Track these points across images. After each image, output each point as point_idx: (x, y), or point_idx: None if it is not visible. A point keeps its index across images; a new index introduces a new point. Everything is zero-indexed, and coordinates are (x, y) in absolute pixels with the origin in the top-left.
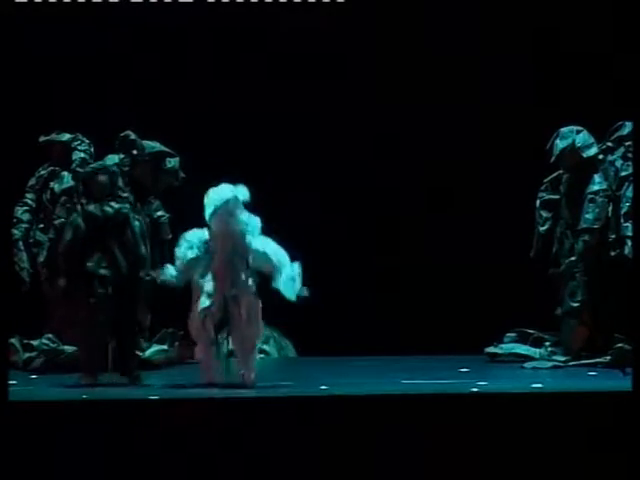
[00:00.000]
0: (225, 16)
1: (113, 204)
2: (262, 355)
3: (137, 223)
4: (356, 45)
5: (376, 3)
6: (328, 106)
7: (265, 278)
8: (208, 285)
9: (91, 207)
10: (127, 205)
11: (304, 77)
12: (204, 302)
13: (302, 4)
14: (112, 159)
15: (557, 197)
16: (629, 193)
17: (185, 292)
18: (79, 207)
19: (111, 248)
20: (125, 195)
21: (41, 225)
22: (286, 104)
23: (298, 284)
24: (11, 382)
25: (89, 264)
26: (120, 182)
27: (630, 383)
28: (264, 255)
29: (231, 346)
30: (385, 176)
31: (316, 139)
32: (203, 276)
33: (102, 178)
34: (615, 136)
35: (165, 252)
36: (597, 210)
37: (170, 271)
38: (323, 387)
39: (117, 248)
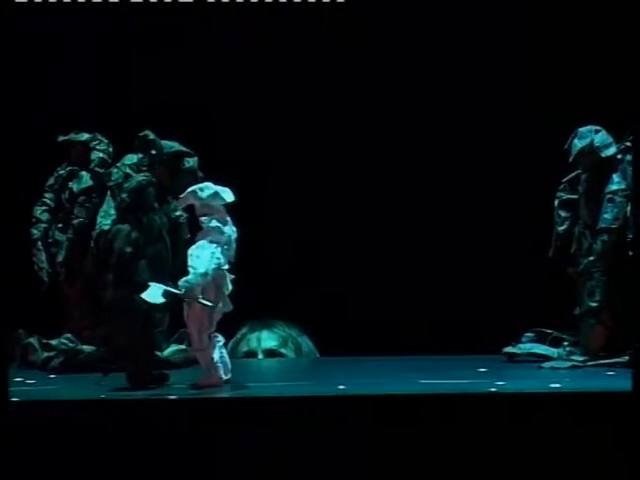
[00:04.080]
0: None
1: (156, 217)
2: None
3: (167, 236)
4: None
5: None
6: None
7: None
8: None
9: (145, 219)
10: (163, 215)
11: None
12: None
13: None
14: (130, 159)
15: (575, 197)
16: None
17: None
18: (131, 220)
19: (152, 259)
20: (156, 205)
21: (60, 225)
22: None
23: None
24: (30, 381)
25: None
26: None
27: None
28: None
29: None
30: (403, 174)
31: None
32: None
33: (151, 189)
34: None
35: (183, 252)
36: (616, 210)
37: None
38: (341, 387)
39: (156, 259)
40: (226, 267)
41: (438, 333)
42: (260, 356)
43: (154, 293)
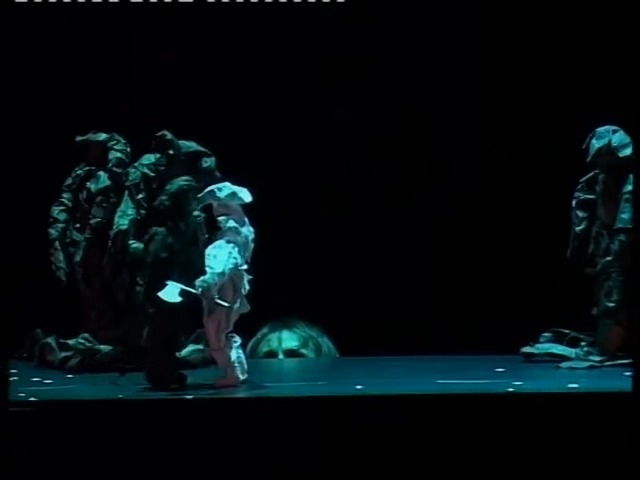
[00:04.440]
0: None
1: (191, 221)
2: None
3: (202, 239)
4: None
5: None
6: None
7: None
8: None
9: (182, 224)
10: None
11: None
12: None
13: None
14: (148, 159)
15: (593, 197)
16: None
17: None
18: (169, 224)
19: (183, 264)
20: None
21: (77, 225)
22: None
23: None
24: (47, 381)
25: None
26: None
27: None
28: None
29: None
30: (421, 173)
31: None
32: None
33: (192, 194)
34: None
35: (200, 252)
36: (633, 210)
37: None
38: (358, 387)
39: (187, 263)
40: (244, 267)
41: (456, 333)
42: (281, 356)
43: (171, 292)
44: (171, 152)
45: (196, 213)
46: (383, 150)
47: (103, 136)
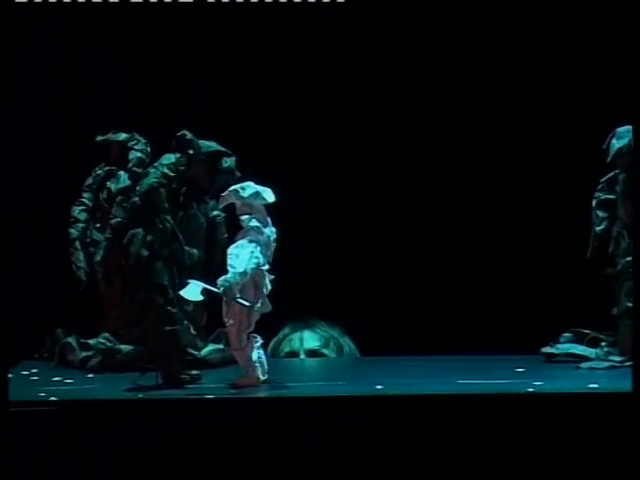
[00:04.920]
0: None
1: (168, 217)
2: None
3: (181, 236)
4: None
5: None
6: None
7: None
8: None
9: (158, 221)
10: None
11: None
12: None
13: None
14: (168, 159)
15: (613, 197)
16: None
17: None
18: (144, 223)
19: (169, 261)
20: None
21: (98, 225)
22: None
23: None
24: (68, 381)
25: (160, 277)
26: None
27: None
28: None
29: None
30: (446, 171)
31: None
32: None
33: (162, 191)
34: None
35: (221, 252)
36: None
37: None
38: (378, 387)
39: (172, 260)
40: (266, 267)
41: (476, 333)
42: (302, 356)
43: (193, 291)
44: (191, 152)
45: (216, 213)
46: (402, 151)
47: (123, 136)
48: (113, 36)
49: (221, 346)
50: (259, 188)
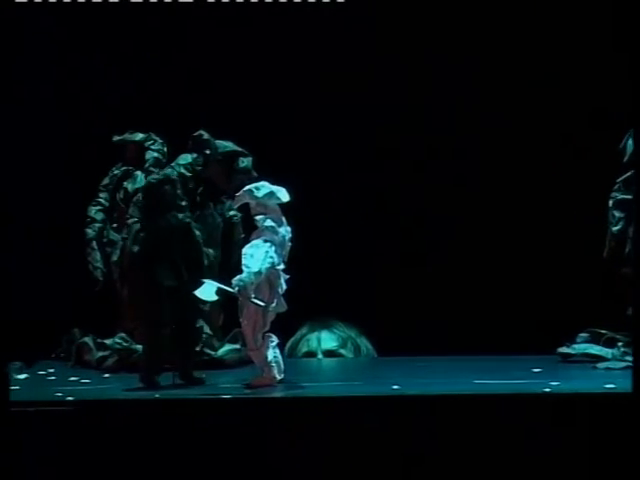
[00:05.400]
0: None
1: (176, 214)
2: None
3: (198, 232)
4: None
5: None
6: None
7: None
8: None
9: (154, 219)
10: (189, 214)
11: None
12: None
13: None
14: (185, 159)
15: (630, 197)
16: None
17: None
18: (143, 220)
19: (175, 259)
20: (184, 204)
21: (114, 225)
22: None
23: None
24: (85, 381)
25: (157, 276)
26: (179, 190)
27: None
28: None
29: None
30: (463, 172)
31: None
32: None
33: (167, 188)
34: None
35: (237, 252)
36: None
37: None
38: (395, 387)
39: (180, 258)
40: (281, 267)
41: (493, 333)
42: (319, 356)
43: (207, 291)
44: (208, 152)
45: (232, 213)
46: (418, 151)
47: (140, 136)
48: (131, 36)
49: (238, 346)
50: (273, 188)
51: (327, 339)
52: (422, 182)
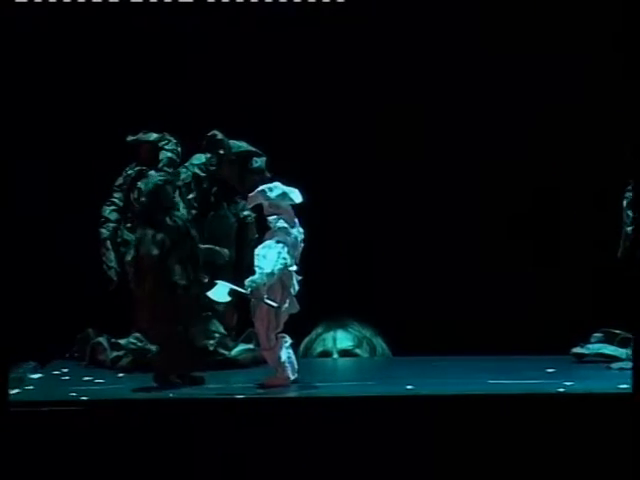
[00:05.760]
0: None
1: (176, 213)
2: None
3: (195, 232)
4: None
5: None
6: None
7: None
8: None
9: (167, 219)
10: (185, 213)
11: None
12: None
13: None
14: (199, 159)
15: None
16: None
17: None
18: (146, 222)
19: (183, 259)
20: (178, 202)
21: (128, 224)
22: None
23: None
24: (99, 381)
25: (174, 275)
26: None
27: None
28: None
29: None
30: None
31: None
32: None
33: (169, 188)
34: None
35: (251, 253)
36: (633, 210)
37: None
38: (409, 387)
39: (185, 258)
40: (293, 268)
41: (507, 333)
42: (335, 356)
43: (220, 292)
44: (222, 152)
45: (246, 213)
46: (435, 151)
47: (154, 136)
48: (147, 34)
49: (252, 346)
50: (286, 189)
51: (343, 339)
52: (438, 181)
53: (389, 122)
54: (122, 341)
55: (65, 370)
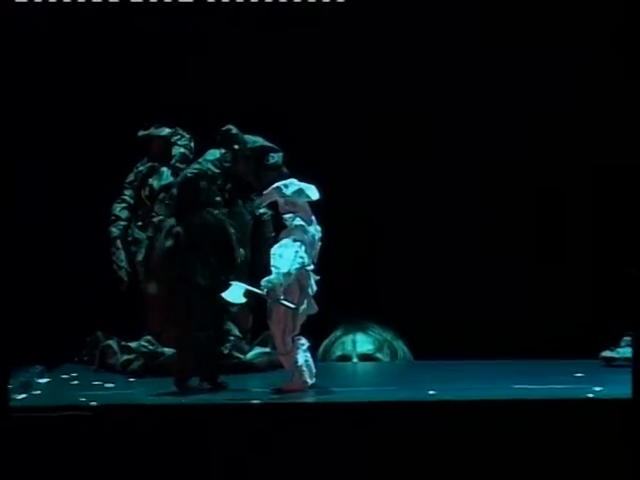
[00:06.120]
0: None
1: (211, 211)
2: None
3: (233, 230)
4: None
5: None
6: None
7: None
8: None
9: (189, 214)
10: (224, 211)
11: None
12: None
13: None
14: (213, 154)
15: None
16: None
17: None
18: (174, 213)
19: (210, 258)
20: (218, 199)
21: (139, 223)
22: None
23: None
24: (109, 385)
25: (188, 273)
26: (215, 186)
27: None
28: None
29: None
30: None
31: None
32: None
33: (203, 183)
34: None
35: (267, 252)
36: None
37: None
38: (431, 392)
39: (214, 256)
40: (311, 267)
41: (533, 336)
42: (354, 360)
43: (235, 293)
44: (236, 147)
45: (262, 211)
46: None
47: (166, 131)
48: (157, 28)
49: (268, 349)
50: (303, 185)
51: (363, 342)
52: (458, 182)
53: (392, 121)
54: (133, 344)
55: (74, 374)
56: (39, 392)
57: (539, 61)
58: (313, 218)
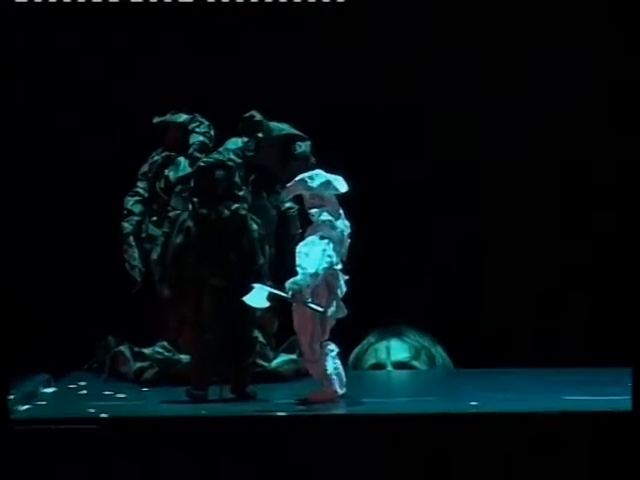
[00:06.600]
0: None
1: (230, 204)
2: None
3: (255, 227)
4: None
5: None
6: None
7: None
8: None
9: (204, 208)
10: (245, 205)
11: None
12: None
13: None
14: (235, 143)
15: None
16: None
17: None
18: (189, 207)
19: (226, 255)
20: (242, 193)
21: (154, 218)
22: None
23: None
24: (120, 395)
25: (201, 272)
26: (237, 177)
27: None
28: None
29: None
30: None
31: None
32: None
33: (219, 174)
34: None
35: (293, 250)
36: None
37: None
38: (472, 403)
39: (233, 255)
40: (339, 267)
41: (586, 343)
42: (389, 368)
43: (258, 296)
44: (260, 135)
45: (288, 205)
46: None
47: (183, 117)
48: (177, 13)
49: (294, 356)
50: (330, 177)
51: (398, 349)
52: (512, 181)
53: (437, 113)
54: (147, 350)
55: (82, 383)
56: (44, 403)
57: (538, 61)
58: (341, 212)
